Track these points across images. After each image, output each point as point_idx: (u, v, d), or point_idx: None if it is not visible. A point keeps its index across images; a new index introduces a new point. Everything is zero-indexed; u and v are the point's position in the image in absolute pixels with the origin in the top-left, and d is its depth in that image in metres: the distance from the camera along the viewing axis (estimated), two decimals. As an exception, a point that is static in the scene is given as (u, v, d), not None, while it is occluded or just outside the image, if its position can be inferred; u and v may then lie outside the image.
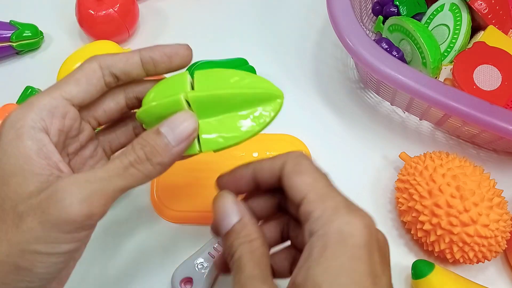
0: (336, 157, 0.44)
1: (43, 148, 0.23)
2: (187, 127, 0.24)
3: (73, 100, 0.25)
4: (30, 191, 0.22)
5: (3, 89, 0.48)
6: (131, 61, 0.26)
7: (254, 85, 0.26)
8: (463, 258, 0.35)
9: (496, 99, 0.40)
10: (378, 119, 0.47)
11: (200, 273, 0.36)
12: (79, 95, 0.25)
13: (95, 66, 0.26)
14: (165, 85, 0.27)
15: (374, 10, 0.50)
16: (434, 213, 0.35)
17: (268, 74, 0.49)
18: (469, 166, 0.37)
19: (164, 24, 0.54)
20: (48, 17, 0.54)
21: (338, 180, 0.43)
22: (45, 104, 0.24)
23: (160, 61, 0.26)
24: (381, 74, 0.38)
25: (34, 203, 0.21)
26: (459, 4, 0.46)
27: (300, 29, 0.53)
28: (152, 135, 0.24)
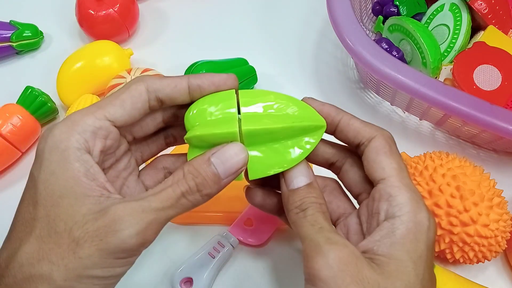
0: (336, 157, 0.44)
1: (90, 169, 0.23)
2: (238, 162, 0.25)
3: (116, 122, 0.25)
4: (83, 213, 0.22)
5: (3, 89, 0.48)
6: (179, 88, 0.26)
7: (302, 116, 0.27)
8: (463, 258, 0.35)
9: (496, 99, 0.40)
10: (378, 119, 0.47)
11: (200, 273, 0.36)
12: (123, 118, 0.25)
13: (141, 89, 0.26)
14: (210, 102, 0.27)
15: (374, 10, 0.50)
16: (434, 213, 0.35)
17: (268, 74, 0.49)
18: (469, 166, 0.37)
19: (164, 24, 0.54)
20: (48, 17, 0.54)
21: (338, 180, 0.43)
22: (89, 124, 0.24)
23: (207, 90, 0.27)
24: (381, 74, 0.38)
25: (91, 229, 0.22)
26: (459, 4, 0.46)
27: (300, 29, 0.53)
28: (204, 165, 0.24)
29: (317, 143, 0.27)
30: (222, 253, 0.37)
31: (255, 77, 0.47)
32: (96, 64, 0.45)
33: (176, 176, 0.24)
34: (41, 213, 0.22)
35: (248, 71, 0.46)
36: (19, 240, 0.23)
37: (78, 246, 0.22)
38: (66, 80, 0.45)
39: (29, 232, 0.22)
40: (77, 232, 0.22)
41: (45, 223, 0.22)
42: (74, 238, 0.22)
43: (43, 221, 0.22)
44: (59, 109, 0.46)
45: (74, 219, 0.22)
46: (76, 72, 0.45)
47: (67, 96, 0.45)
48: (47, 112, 0.44)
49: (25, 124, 0.42)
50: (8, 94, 0.46)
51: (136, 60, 0.50)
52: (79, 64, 0.45)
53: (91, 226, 0.22)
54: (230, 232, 0.38)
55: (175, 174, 0.25)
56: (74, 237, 0.22)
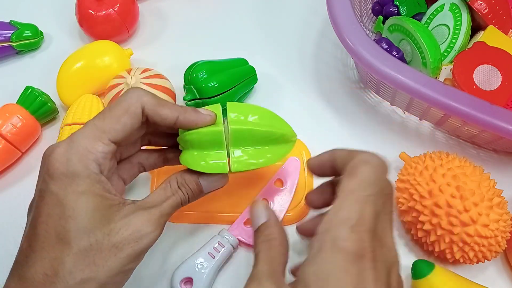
0: (336, 157, 0.44)
1: (106, 186, 0.28)
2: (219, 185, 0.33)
3: (117, 142, 0.29)
4: (115, 222, 0.27)
5: (3, 89, 0.48)
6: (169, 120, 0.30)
7: (280, 126, 0.33)
8: (463, 258, 0.35)
9: (496, 99, 0.40)
10: (378, 119, 0.47)
11: (200, 273, 0.36)
12: (123, 138, 0.29)
13: (139, 111, 0.29)
14: None
15: (374, 10, 0.50)
16: (434, 213, 0.35)
17: (268, 74, 0.49)
18: (469, 166, 0.37)
19: (164, 24, 0.54)
20: (48, 17, 0.54)
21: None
22: (100, 151, 0.28)
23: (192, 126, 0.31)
24: (381, 74, 0.38)
25: (126, 234, 0.27)
26: (459, 4, 0.46)
27: (300, 29, 0.53)
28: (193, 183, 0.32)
29: (288, 152, 0.34)
30: (222, 253, 0.37)
31: (255, 77, 0.47)
32: (96, 64, 0.45)
33: (173, 186, 0.31)
34: (76, 226, 0.26)
35: (248, 71, 0.46)
36: (59, 251, 0.26)
37: (118, 249, 0.27)
38: (66, 80, 0.45)
39: (67, 243, 0.26)
40: (114, 238, 0.27)
41: (84, 235, 0.26)
42: (114, 244, 0.27)
43: (80, 232, 0.26)
44: (59, 109, 0.46)
45: (109, 228, 0.27)
46: (76, 72, 0.45)
47: (67, 96, 0.45)
48: (47, 112, 0.44)
49: (25, 124, 0.42)
50: (8, 94, 0.46)
51: (136, 60, 0.50)
52: (79, 64, 0.45)
53: (125, 232, 0.27)
54: (230, 232, 0.38)
55: (171, 183, 0.31)
56: (114, 243, 0.27)
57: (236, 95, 0.44)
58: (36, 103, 0.43)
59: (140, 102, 0.29)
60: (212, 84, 0.42)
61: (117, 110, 0.29)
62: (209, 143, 0.31)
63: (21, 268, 0.26)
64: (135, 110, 0.29)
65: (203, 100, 0.43)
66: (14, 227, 0.41)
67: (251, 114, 0.33)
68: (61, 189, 0.27)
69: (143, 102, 0.29)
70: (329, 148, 0.44)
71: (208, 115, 0.31)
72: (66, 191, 0.27)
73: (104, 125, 0.28)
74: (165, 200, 0.30)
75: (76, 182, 0.27)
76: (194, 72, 0.43)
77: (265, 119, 0.33)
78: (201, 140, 0.31)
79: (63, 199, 0.26)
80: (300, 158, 0.42)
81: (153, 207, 0.29)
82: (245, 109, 0.33)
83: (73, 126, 0.41)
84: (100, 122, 0.28)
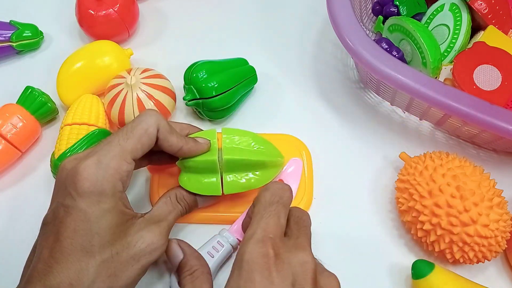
0: (336, 157, 0.44)
1: (125, 202, 0.31)
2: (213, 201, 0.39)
3: (136, 160, 0.32)
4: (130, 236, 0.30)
5: (3, 89, 0.48)
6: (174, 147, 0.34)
7: (270, 153, 0.38)
8: (463, 258, 0.35)
9: (496, 99, 0.40)
10: (378, 119, 0.47)
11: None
12: (140, 156, 0.32)
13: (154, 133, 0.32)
14: None
15: (374, 10, 0.50)
16: (434, 213, 0.35)
17: (268, 74, 0.49)
18: (469, 166, 0.37)
19: (164, 24, 0.54)
20: (48, 17, 0.54)
21: (338, 180, 0.43)
22: (124, 170, 0.30)
23: None
24: (381, 74, 0.38)
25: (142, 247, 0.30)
26: (459, 4, 0.46)
27: (300, 29, 0.53)
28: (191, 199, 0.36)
29: (275, 175, 0.39)
30: (222, 252, 0.37)
31: (255, 77, 0.47)
32: (96, 64, 0.45)
33: (173, 200, 0.35)
34: (100, 241, 0.29)
35: (248, 71, 0.46)
36: (84, 263, 0.28)
37: (135, 261, 0.30)
38: (66, 80, 0.45)
39: (92, 256, 0.28)
40: (132, 251, 0.30)
41: (107, 248, 0.29)
42: (131, 256, 0.30)
43: (104, 246, 0.29)
44: (59, 109, 0.46)
45: (127, 241, 0.30)
46: (76, 72, 0.45)
47: (67, 96, 0.45)
48: (47, 112, 0.44)
49: (25, 124, 0.42)
50: (8, 94, 0.46)
51: (136, 60, 0.50)
52: (79, 64, 0.45)
53: (142, 245, 0.30)
54: (229, 232, 0.38)
55: (171, 198, 0.35)
56: (132, 255, 0.30)
57: (236, 95, 0.44)
58: (36, 103, 0.43)
59: (157, 125, 0.32)
60: (212, 84, 0.42)
61: (138, 131, 0.31)
62: (204, 170, 0.35)
63: (45, 277, 0.27)
64: (152, 132, 0.32)
65: (203, 100, 0.43)
66: (14, 227, 0.41)
67: (243, 141, 0.37)
68: (89, 206, 0.29)
69: (159, 126, 0.32)
70: (328, 148, 0.44)
71: (205, 143, 0.35)
72: (94, 208, 0.29)
73: (128, 145, 0.31)
74: (169, 213, 0.34)
75: (103, 200, 0.29)
76: (194, 72, 0.43)
77: (256, 144, 0.37)
78: (197, 167, 0.35)
79: (90, 216, 0.29)
80: (300, 158, 0.42)
81: (161, 221, 0.33)
82: (238, 136, 0.37)
83: (73, 126, 0.41)
84: (124, 142, 0.31)
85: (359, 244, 0.40)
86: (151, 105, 0.42)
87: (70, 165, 0.30)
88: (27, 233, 0.33)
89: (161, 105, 0.42)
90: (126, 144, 0.31)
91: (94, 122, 0.42)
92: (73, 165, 0.30)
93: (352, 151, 0.45)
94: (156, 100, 0.42)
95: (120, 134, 0.31)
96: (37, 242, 0.30)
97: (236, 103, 0.45)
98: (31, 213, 0.41)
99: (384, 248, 0.40)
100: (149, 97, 0.42)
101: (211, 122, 0.46)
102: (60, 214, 0.29)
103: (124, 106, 0.42)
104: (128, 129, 0.31)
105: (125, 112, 0.42)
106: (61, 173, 0.30)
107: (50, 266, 0.28)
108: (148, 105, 0.42)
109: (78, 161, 0.30)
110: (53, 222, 0.29)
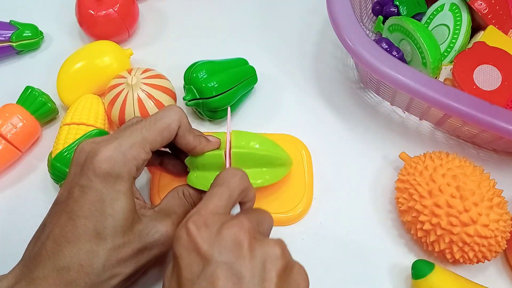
0: (336, 157, 0.44)
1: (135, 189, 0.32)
2: None
3: (153, 151, 0.32)
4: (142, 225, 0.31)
5: (3, 89, 0.48)
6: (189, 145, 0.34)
7: (278, 152, 0.38)
8: (463, 258, 0.35)
9: (496, 99, 0.40)
10: (378, 119, 0.47)
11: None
12: (159, 147, 0.32)
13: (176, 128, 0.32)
14: None
15: (374, 10, 0.50)
16: (434, 213, 0.35)
17: (268, 74, 0.49)
18: (469, 166, 0.37)
19: (164, 24, 0.54)
20: (48, 17, 0.54)
21: (338, 180, 0.43)
22: (142, 158, 0.31)
23: None
24: (381, 74, 0.38)
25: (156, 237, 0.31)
26: (459, 4, 0.46)
27: (300, 29, 0.53)
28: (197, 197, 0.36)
29: (283, 175, 0.38)
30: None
31: (255, 77, 0.47)
32: (96, 64, 0.45)
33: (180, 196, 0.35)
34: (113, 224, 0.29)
35: (248, 71, 0.46)
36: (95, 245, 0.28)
37: (148, 250, 0.31)
38: (66, 80, 0.45)
39: (104, 239, 0.28)
40: (146, 239, 0.30)
41: (119, 232, 0.29)
42: (144, 244, 0.30)
43: (117, 230, 0.29)
44: (59, 109, 0.46)
45: (138, 229, 0.30)
46: (76, 72, 0.45)
47: (67, 96, 0.45)
48: (47, 112, 0.44)
49: (25, 124, 0.42)
50: (8, 94, 0.46)
51: (136, 60, 0.50)
52: (79, 64, 0.45)
53: (156, 234, 0.31)
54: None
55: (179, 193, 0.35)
56: (145, 244, 0.30)
57: (236, 95, 0.44)
58: (36, 103, 0.43)
59: (179, 122, 0.33)
60: (212, 84, 0.42)
61: (161, 124, 0.32)
62: (212, 166, 0.35)
63: (55, 256, 0.28)
64: (174, 128, 0.32)
65: (203, 100, 0.43)
66: (13, 227, 0.41)
67: (252, 140, 0.37)
68: (105, 187, 0.29)
69: (181, 123, 0.33)
70: (328, 147, 0.44)
71: (216, 142, 0.36)
72: (110, 190, 0.29)
73: (149, 135, 0.31)
74: (178, 207, 0.34)
75: (119, 183, 0.29)
76: (194, 72, 0.43)
77: (264, 145, 0.37)
78: (205, 162, 0.35)
79: (106, 197, 0.29)
80: (300, 158, 0.42)
81: (173, 214, 0.33)
82: (247, 137, 0.37)
83: (71, 126, 0.41)
84: (147, 132, 0.31)
85: (359, 244, 0.40)
86: (151, 105, 0.42)
87: (88, 147, 0.30)
88: (26, 233, 0.32)
89: (162, 105, 0.42)
90: (148, 134, 0.31)
91: (92, 123, 0.42)
92: (91, 147, 0.30)
93: (352, 151, 0.45)
94: (156, 100, 0.42)
95: (143, 125, 0.31)
96: (46, 220, 0.30)
97: (236, 103, 0.45)
98: (31, 213, 0.41)
99: (384, 248, 0.40)
100: (149, 97, 0.42)
101: (211, 122, 0.46)
102: (75, 194, 0.29)
103: (124, 106, 0.42)
104: (151, 121, 0.32)
105: (126, 112, 0.42)
106: (78, 154, 0.30)
107: (60, 245, 0.28)
108: (148, 105, 0.42)
109: (96, 144, 0.30)
110: (67, 202, 0.29)
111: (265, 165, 0.37)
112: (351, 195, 0.42)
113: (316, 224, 0.41)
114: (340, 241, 0.40)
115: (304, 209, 0.40)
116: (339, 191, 0.42)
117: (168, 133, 0.32)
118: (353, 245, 0.40)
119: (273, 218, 0.31)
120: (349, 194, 0.42)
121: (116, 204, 0.29)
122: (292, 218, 0.40)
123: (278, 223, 0.40)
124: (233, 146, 0.36)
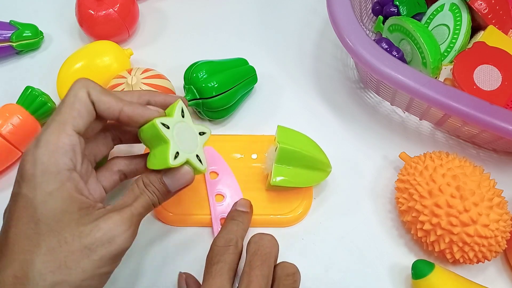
0: (336, 157, 0.44)
1: (78, 185, 0.28)
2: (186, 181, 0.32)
3: (80, 132, 0.29)
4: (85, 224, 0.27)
5: (3, 89, 0.48)
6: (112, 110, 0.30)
7: (320, 155, 0.39)
8: (463, 258, 0.35)
9: (496, 99, 0.40)
10: (378, 119, 0.47)
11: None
12: (84, 127, 0.29)
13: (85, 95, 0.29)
14: None
15: (374, 10, 0.50)
16: (434, 213, 0.35)
17: (268, 74, 0.49)
18: (469, 166, 0.37)
19: (164, 24, 0.54)
20: (48, 17, 0.54)
21: (338, 180, 0.43)
22: (67, 144, 0.28)
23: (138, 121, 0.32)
24: (381, 74, 0.38)
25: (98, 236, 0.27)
26: (459, 4, 0.46)
27: (300, 29, 0.53)
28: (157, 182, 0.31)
29: (322, 180, 0.40)
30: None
31: (255, 77, 0.47)
32: (96, 64, 0.45)
33: (140, 186, 0.31)
34: (45, 228, 0.26)
35: (248, 71, 0.46)
36: (29, 253, 0.26)
37: (91, 251, 0.27)
38: (66, 80, 0.45)
39: (36, 245, 0.26)
40: (86, 240, 0.27)
41: (53, 236, 0.26)
42: (85, 245, 0.27)
43: (50, 235, 0.26)
44: (59, 109, 0.46)
45: (79, 230, 0.27)
46: (76, 72, 0.45)
47: (67, 96, 0.45)
48: (47, 112, 0.44)
49: (25, 124, 0.42)
50: (8, 94, 0.46)
51: (136, 60, 0.50)
52: (79, 64, 0.45)
53: (97, 233, 0.27)
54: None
55: (138, 184, 0.31)
56: (86, 245, 0.27)
57: (236, 95, 0.44)
58: (36, 103, 0.43)
59: (86, 88, 0.29)
60: (212, 84, 0.42)
61: (67, 99, 0.29)
62: (154, 139, 0.31)
63: None
64: (82, 95, 0.29)
65: (203, 100, 0.43)
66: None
67: (298, 139, 0.38)
68: (30, 191, 0.27)
69: (89, 88, 0.29)
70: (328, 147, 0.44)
71: (154, 110, 0.31)
72: (35, 192, 0.27)
73: (62, 117, 0.28)
74: (134, 200, 0.30)
75: (46, 181, 0.27)
76: (194, 72, 0.43)
77: (308, 146, 0.38)
78: (146, 136, 0.31)
79: (33, 201, 0.26)
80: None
81: (126, 208, 0.29)
82: (293, 134, 0.38)
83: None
84: (58, 116, 0.29)
85: (359, 244, 0.40)
86: (151, 105, 0.42)
87: None
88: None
89: (161, 105, 0.42)
90: (60, 117, 0.28)
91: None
92: (25, 151, 0.28)
93: (352, 151, 0.45)
94: (156, 100, 0.42)
95: (54, 112, 0.29)
96: None
97: (236, 103, 0.45)
98: (31, 213, 0.41)
99: (384, 248, 0.40)
100: (149, 97, 0.42)
101: (211, 122, 0.46)
102: (9, 205, 0.28)
103: (124, 106, 0.42)
104: (59, 105, 0.29)
105: (125, 112, 0.42)
106: None
107: (4, 255, 0.26)
108: (148, 105, 0.42)
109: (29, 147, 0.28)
110: (4, 216, 0.28)
111: (306, 166, 0.38)
112: (351, 195, 0.42)
113: (316, 224, 0.41)
114: (340, 241, 0.40)
115: (304, 210, 0.40)
116: (339, 191, 0.42)
117: (80, 103, 0.29)
118: (353, 245, 0.40)
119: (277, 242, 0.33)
120: (349, 194, 0.42)
121: (45, 207, 0.26)
122: (292, 220, 0.40)
123: (279, 224, 0.40)
124: (280, 141, 0.37)
